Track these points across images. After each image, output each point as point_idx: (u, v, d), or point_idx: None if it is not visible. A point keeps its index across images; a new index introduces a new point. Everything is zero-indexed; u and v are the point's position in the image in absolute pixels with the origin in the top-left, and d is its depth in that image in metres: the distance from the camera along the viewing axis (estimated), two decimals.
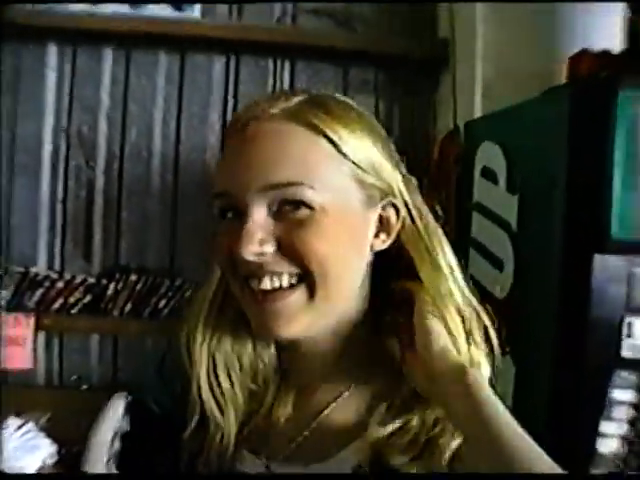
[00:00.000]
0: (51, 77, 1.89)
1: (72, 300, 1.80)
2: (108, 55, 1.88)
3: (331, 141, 0.54)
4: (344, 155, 0.54)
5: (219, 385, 0.60)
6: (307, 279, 0.53)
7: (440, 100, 1.77)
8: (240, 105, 1.84)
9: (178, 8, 1.82)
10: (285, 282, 0.54)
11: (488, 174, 1.27)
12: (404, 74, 1.83)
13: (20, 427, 1.50)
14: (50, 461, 1.45)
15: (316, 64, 1.81)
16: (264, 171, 0.52)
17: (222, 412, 0.60)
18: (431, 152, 1.64)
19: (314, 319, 0.55)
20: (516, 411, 0.51)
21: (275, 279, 0.53)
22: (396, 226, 0.59)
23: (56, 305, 1.81)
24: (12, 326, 1.80)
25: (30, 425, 1.50)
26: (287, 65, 1.82)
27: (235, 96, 1.85)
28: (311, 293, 0.54)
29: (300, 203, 0.52)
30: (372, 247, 0.59)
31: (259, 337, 0.61)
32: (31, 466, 1.38)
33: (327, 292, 0.54)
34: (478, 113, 1.46)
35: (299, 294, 0.54)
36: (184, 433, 0.60)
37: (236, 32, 1.79)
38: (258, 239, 0.52)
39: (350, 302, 0.59)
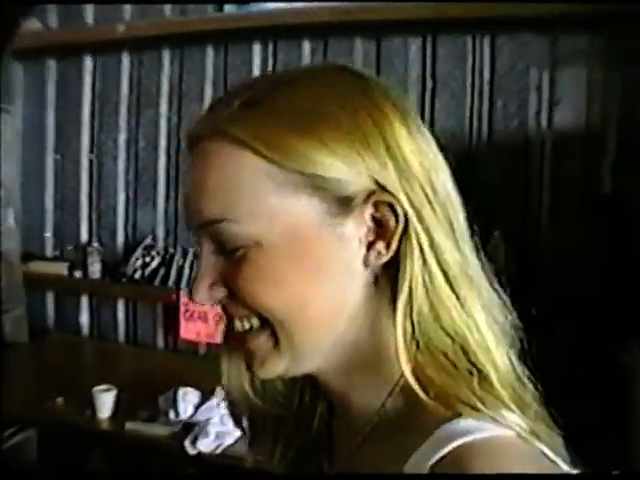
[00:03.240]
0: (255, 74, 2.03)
1: None
2: (306, 47, 1.96)
3: (259, 153, 0.42)
4: (279, 165, 0.42)
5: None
6: (269, 324, 0.45)
7: None
8: (438, 86, 1.81)
9: None
10: (255, 323, 0.45)
11: None
12: (629, 37, 1.56)
13: None
14: None
15: (519, 37, 1.68)
16: (194, 208, 0.45)
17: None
18: None
19: (287, 364, 0.46)
20: None
21: (245, 321, 0.45)
22: (396, 231, 0.43)
23: None
24: None
25: None
26: (487, 41, 1.73)
27: (433, 76, 1.81)
28: (275, 340, 0.45)
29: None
30: (366, 263, 0.44)
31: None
32: (233, 434, 1.48)
33: (291, 340, 0.44)
34: None
35: (265, 339, 0.45)
36: None
37: (430, 11, 1.73)
38: (208, 284, 0.45)
39: (342, 335, 0.46)
